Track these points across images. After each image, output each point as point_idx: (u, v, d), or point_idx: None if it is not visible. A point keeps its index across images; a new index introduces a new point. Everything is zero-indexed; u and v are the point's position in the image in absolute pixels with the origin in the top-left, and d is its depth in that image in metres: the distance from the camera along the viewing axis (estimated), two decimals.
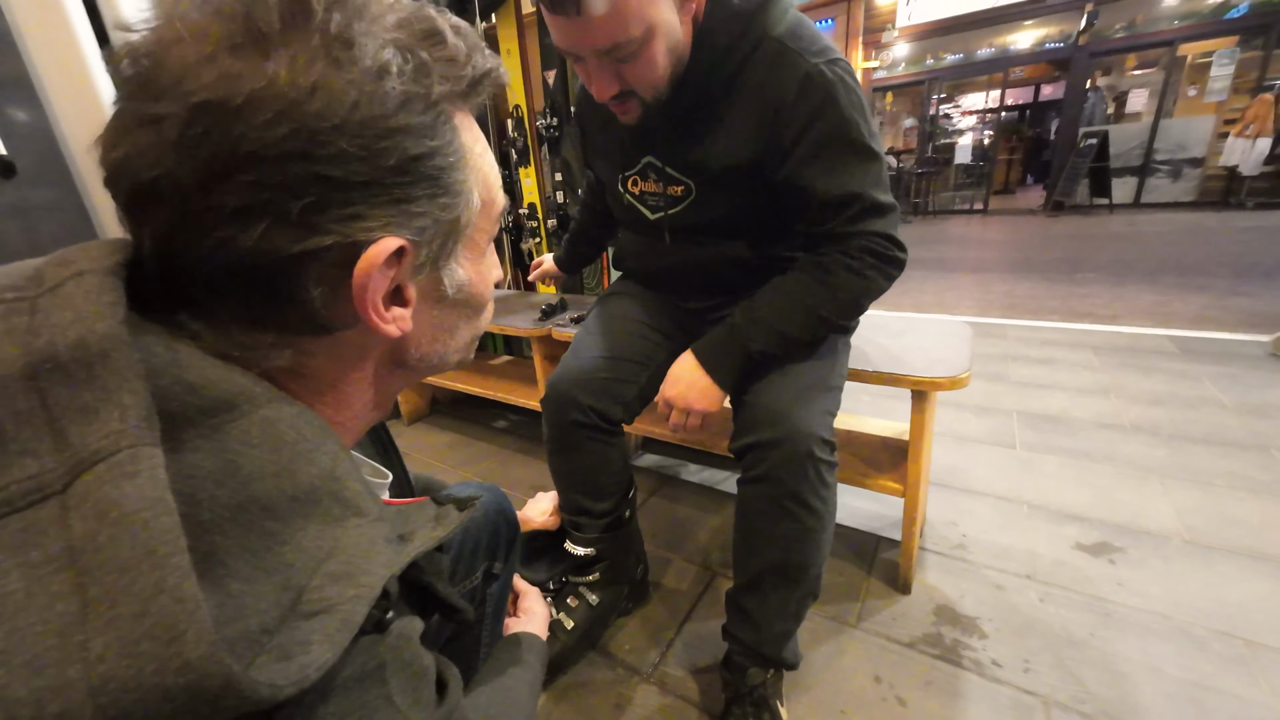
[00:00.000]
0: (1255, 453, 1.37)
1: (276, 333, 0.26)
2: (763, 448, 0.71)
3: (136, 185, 0.23)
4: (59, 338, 0.21)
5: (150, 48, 0.23)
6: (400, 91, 0.25)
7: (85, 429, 0.20)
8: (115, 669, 0.17)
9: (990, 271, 3.87)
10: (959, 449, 1.49)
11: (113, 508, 0.19)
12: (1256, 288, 2.87)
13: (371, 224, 0.25)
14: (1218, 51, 6.16)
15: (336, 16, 0.23)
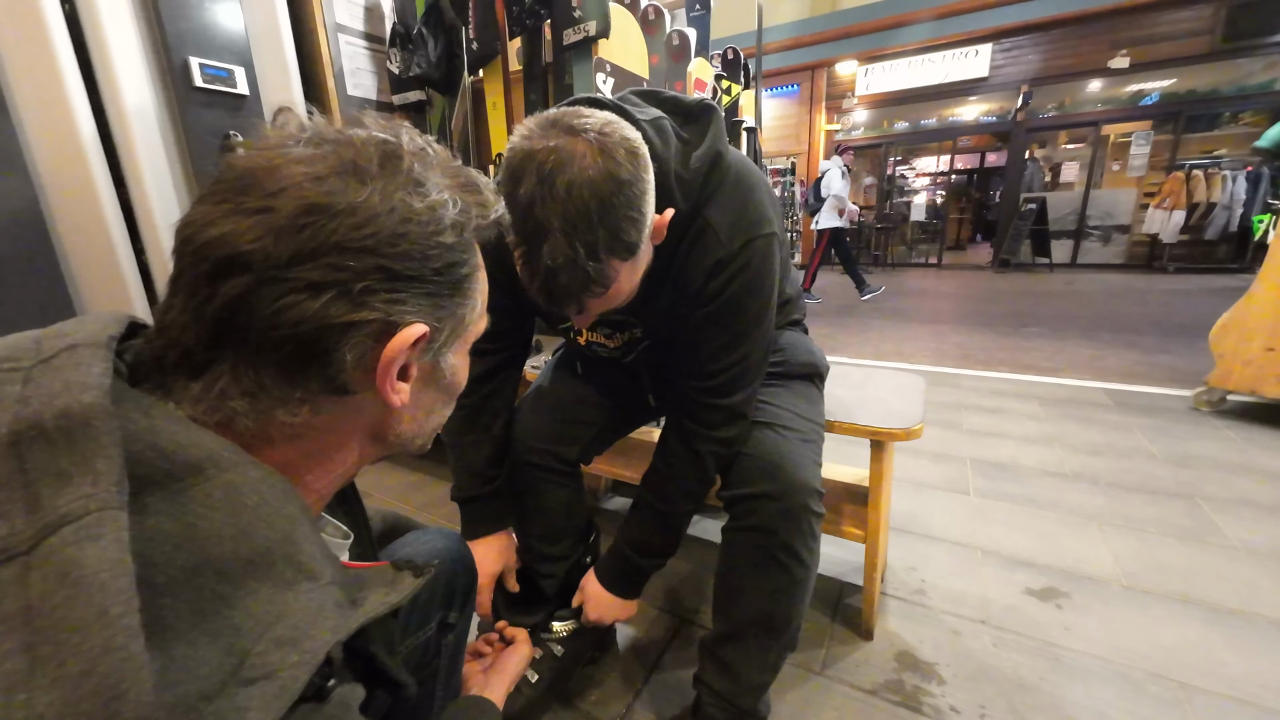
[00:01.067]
0: (1181, 501, 1.48)
1: (304, 389, 0.30)
2: (758, 499, 0.72)
3: (230, 255, 0.27)
4: (46, 407, 0.23)
5: (257, 162, 0.29)
6: (449, 219, 0.32)
7: (58, 493, 0.21)
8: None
9: (945, 323, 4.09)
10: (918, 495, 1.55)
11: (73, 568, 0.20)
12: (1179, 346, 3.13)
13: (408, 309, 0.31)
14: (1135, 133, 6.90)
15: (416, 166, 0.32)
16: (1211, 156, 6.35)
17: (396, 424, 0.36)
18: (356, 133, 0.31)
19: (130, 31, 1.22)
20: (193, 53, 1.29)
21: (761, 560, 0.72)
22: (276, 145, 0.30)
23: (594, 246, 0.53)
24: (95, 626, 0.19)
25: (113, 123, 1.23)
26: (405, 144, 0.32)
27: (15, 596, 0.20)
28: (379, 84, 1.75)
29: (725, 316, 0.71)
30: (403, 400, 0.33)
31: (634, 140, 0.56)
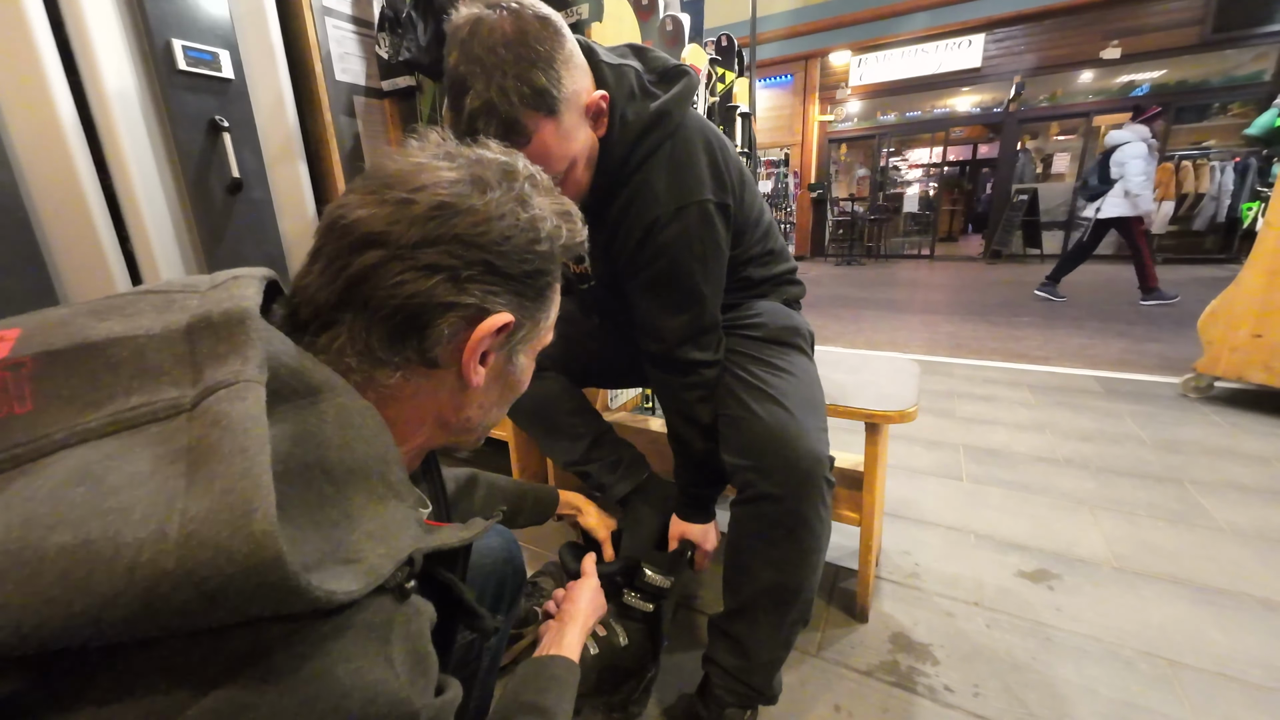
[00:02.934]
0: (1171, 485, 1.50)
1: (402, 355, 0.35)
2: (766, 468, 0.71)
3: (370, 233, 0.34)
4: (214, 308, 0.29)
5: (405, 167, 0.36)
6: (545, 232, 0.39)
7: (217, 369, 0.27)
8: (200, 528, 0.22)
9: (937, 313, 4.12)
10: (911, 481, 1.56)
11: (223, 418, 0.25)
12: (1167, 335, 3.17)
13: (500, 301, 0.37)
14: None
15: (526, 186, 0.39)
16: (1200, 147, 6.40)
17: (465, 407, 0.40)
18: (484, 154, 0.38)
19: (110, 12, 1.19)
20: (175, 34, 1.26)
21: (770, 531, 0.72)
22: (421, 155, 0.37)
23: (505, 92, 0.59)
24: (237, 458, 0.24)
25: (93, 106, 1.20)
26: (520, 168, 0.39)
27: (181, 437, 0.25)
28: (367, 69, 1.72)
29: (667, 278, 0.74)
30: (479, 381, 0.38)
31: (549, 14, 0.62)
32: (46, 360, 0.26)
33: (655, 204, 0.71)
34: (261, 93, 1.47)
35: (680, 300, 0.76)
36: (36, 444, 0.24)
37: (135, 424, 0.25)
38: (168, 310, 0.29)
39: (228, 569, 0.22)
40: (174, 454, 0.24)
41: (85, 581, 0.21)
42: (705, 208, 0.72)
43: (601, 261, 0.82)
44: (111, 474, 0.23)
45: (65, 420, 0.25)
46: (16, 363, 0.26)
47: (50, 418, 0.25)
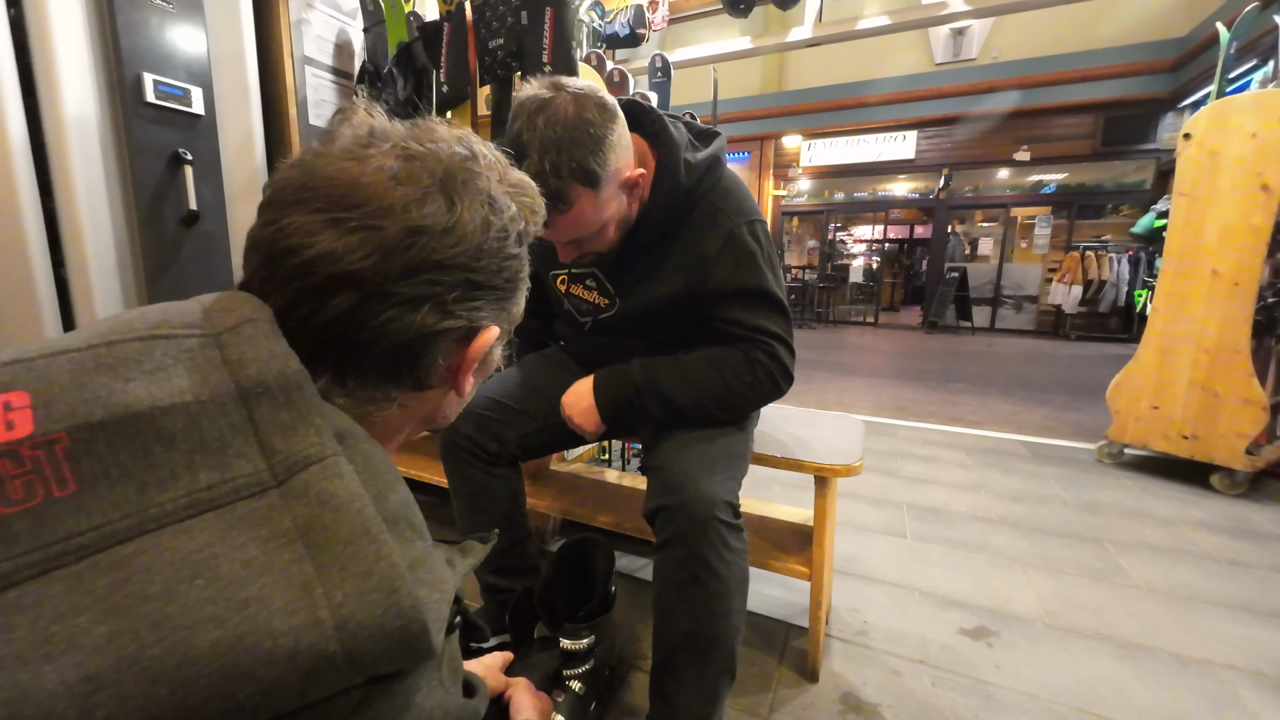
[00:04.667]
0: (1092, 544, 1.60)
1: (396, 388, 0.34)
2: (668, 511, 0.74)
3: (342, 272, 0.30)
4: (265, 370, 0.27)
5: (352, 174, 0.31)
6: (515, 232, 0.37)
7: (288, 440, 0.26)
8: (354, 611, 0.24)
9: (881, 376, 4.35)
10: (859, 538, 1.60)
11: (330, 498, 0.25)
12: (1084, 404, 3.46)
13: (484, 315, 0.36)
14: (1038, 216, 7.83)
15: (493, 182, 0.35)
16: (1100, 240, 7.27)
17: (447, 408, 0.41)
18: (438, 147, 0.34)
19: (80, 41, 1.19)
20: (147, 69, 1.26)
21: (678, 576, 0.74)
22: (362, 155, 0.32)
23: (558, 167, 0.68)
24: (364, 540, 0.25)
25: (47, 130, 1.17)
26: (481, 160, 0.35)
27: (281, 518, 0.25)
28: None
29: (750, 284, 0.83)
30: (469, 389, 0.39)
31: (607, 100, 0.72)
32: (86, 434, 0.23)
33: (728, 219, 0.83)
34: (231, 130, 1.47)
35: (767, 304, 0.84)
36: (100, 531, 0.22)
37: (217, 504, 0.24)
38: (195, 366, 0.26)
39: (384, 644, 0.24)
40: (281, 536, 0.24)
41: (246, 674, 0.22)
42: (764, 224, 0.86)
43: (648, 283, 0.88)
44: (223, 564, 0.23)
45: (125, 503, 0.23)
46: (50, 439, 0.23)
47: (102, 500, 0.23)
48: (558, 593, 0.95)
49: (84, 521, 0.22)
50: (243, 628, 0.22)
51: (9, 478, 0.22)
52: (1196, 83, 5.74)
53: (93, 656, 0.20)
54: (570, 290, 0.97)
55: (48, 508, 0.22)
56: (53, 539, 0.22)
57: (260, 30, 1.51)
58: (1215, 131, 1.93)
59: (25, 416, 0.23)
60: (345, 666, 0.23)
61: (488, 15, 1.49)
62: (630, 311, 0.92)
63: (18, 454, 0.22)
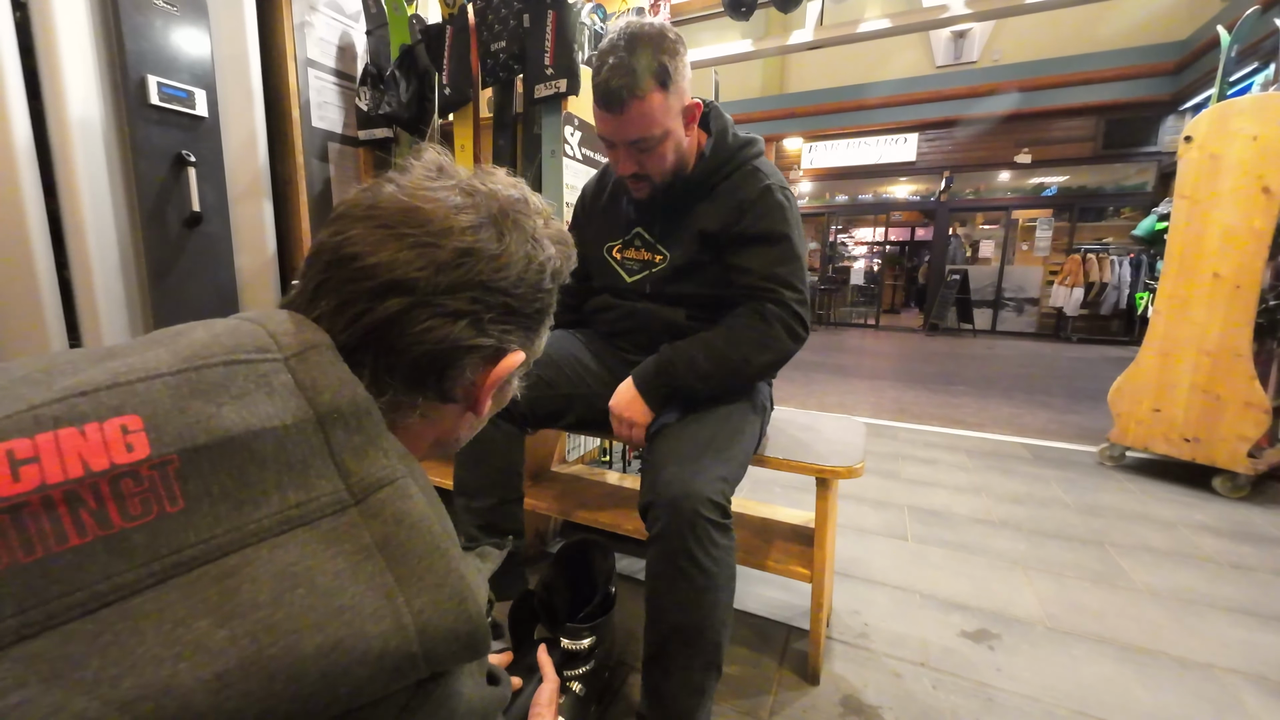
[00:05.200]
0: (1093, 547, 1.59)
1: (422, 395, 0.36)
2: (657, 507, 0.77)
3: (397, 279, 0.33)
4: (339, 397, 0.30)
5: (418, 201, 0.35)
6: (550, 272, 0.40)
7: (360, 462, 0.29)
8: (432, 618, 0.28)
9: (882, 379, 4.35)
10: (860, 541, 1.60)
11: (405, 516, 0.29)
12: (1085, 407, 3.45)
13: (513, 339, 0.39)
14: (1039, 219, 7.82)
15: (539, 225, 0.40)
16: (1101, 243, 7.26)
17: (460, 429, 0.42)
18: (497, 188, 0.38)
19: (85, 44, 1.20)
20: (151, 71, 1.27)
21: (668, 570, 0.76)
22: (429, 187, 0.36)
23: (638, 60, 0.82)
24: (437, 556, 0.29)
25: (51, 131, 1.18)
26: (531, 205, 0.40)
27: (361, 534, 0.28)
28: (345, 118, 1.76)
29: (777, 233, 0.92)
30: (486, 411, 0.41)
31: (680, 36, 0.87)
32: (193, 456, 0.26)
33: (764, 179, 0.94)
34: (234, 132, 1.48)
35: (785, 252, 0.92)
36: (208, 544, 0.25)
37: (306, 521, 0.27)
38: (273, 392, 0.29)
39: (454, 646, 0.28)
40: (364, 550, 0.28)
41: (345, 672, 0.25)
42: (794, 196, 0.96)
43: (691, 235, 0.96)
44: (317, 575, 0.26)
45: (226, 519, 0.25)
46: (164, 460, 0.25)
47: (206, 516, 0.25)
48: (558, 594, 0.95)
49: (192, 535, 0.25)
50: (341, 632, 0.25)
51: (130, 495, 0.24)
52: (1198, 86, 5.74)
53: (219, 658, 0.23)
54: (624, 256, 1.05)
55: (161, 523, 0.24)
56: (167, 551, 0.24)
57: (263, 33, 1.52)
58: (1216, 134, 1.93)
59: (142, 439, 0.25)
60: (423, 664, 0.27)
61: (490, 18, 1.49)
62: (676, 263, 0.99)
63: (138, 474, 0.25)
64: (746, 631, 1.18)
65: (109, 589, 0.23)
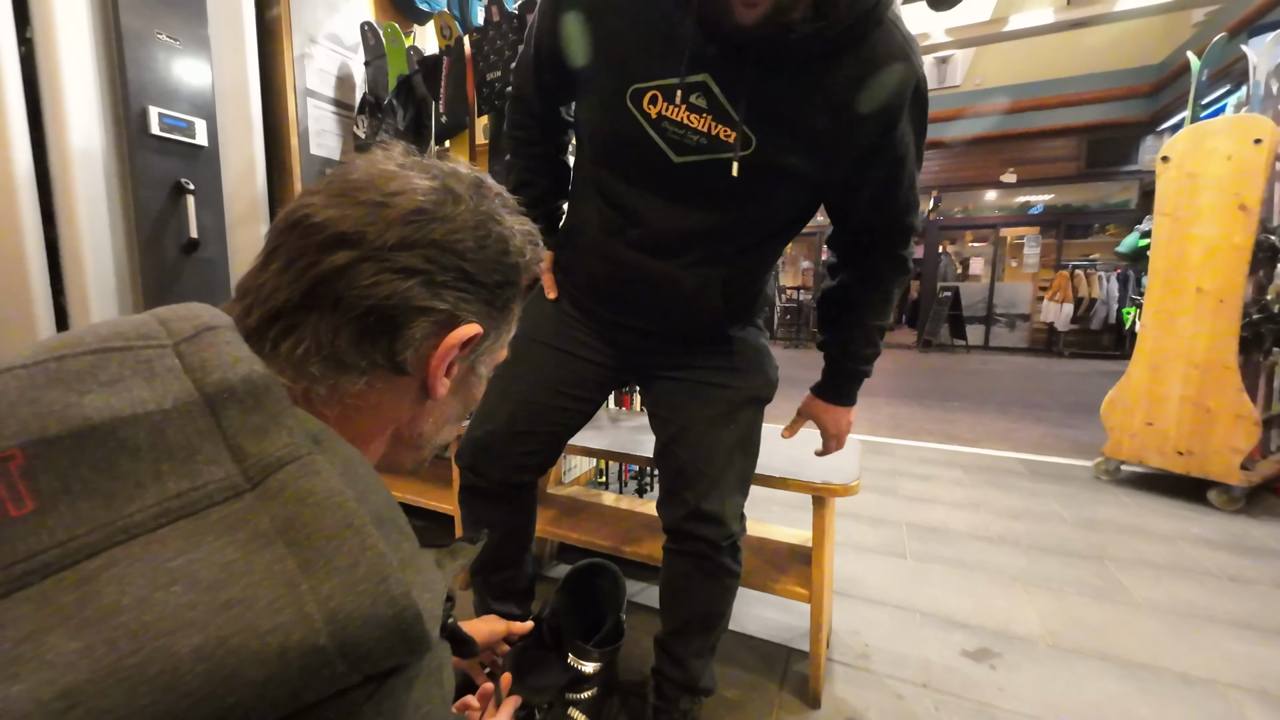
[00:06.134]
0: (1093, 562, 1.59)
1: (370, 359, 0.34)
2: (697, 538, 0.82)
3: (343, 232, 0.32)
4: (230, 375, 0.27)
5: (375, 173, 0.35)
6: (514, 245, 0.39)
7: (260, 443, 0.26)
8: (343, 603, 0.23)
9: (878, 395, 4.36)
10: (858, 559, 1.59)
11: (309, 495, 0.25)
12: (1080, 421, 3.47)
13: (470, 310, 0.37)
14: (1027, 236, 7.96)
15: (496, 202, 0.38)
16: (1088, 259, 7.38)
17: (422, 420, 0.40)
18: (457, 168, 0.38)
19: (88, 76, 1.22)
20: (153, 102, 1.29)
21: (698, 574, 0.84)
22: (390, 163, 0.36)
23: None
24: (348, 533, 0.25)
25: (52, 160, 1.19)
26: (490, 184, 0.40)
27: (259, 520, 0.24)
28: (342, 144, 1.80)
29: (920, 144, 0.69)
30: (443, 392, 0.38)
31: None
32: (42, 450, 0.23)
33: (914, 63, 0.62)
34: (233, 159, 1.50)
35: (912, 176, 0.71)
36: (65, 548, 0.22)
37: (189, 511, 0.24)
38: (154, 376, 0.26)
39: (377, 633, 0.24)
40: (260, 537, 0.24)
41: (233, 675, 0.21)
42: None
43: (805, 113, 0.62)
44: (201, 569, 0.23)
45: (91, 518, 0.23)
46: (3, 457, 0.22)
47: (65, 516, 0.22)
48: (566, 619, 0.94)
49: (46, 539, 0.22)
50: (226, 629, 0.21)
51: None
52: (1174, 107, 5.92)
53: (66, 672, 0.20)
54: (664, 115, 0.64)
55: (5, 529, 0.22)
56: (13, 559, 0.21)
57: (264, 64, 1.55)
58: (1192, 154, 1.99)
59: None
60: (339, 660, 0.23)
61: (485, 49, 1.54)
62: (772, 160, 0.63)
63: None
64: (746, 654, 1.17)
65: None
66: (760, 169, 0.64)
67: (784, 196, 0.69)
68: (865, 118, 0.62)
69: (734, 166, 0.63)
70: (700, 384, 0.83)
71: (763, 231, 0.74)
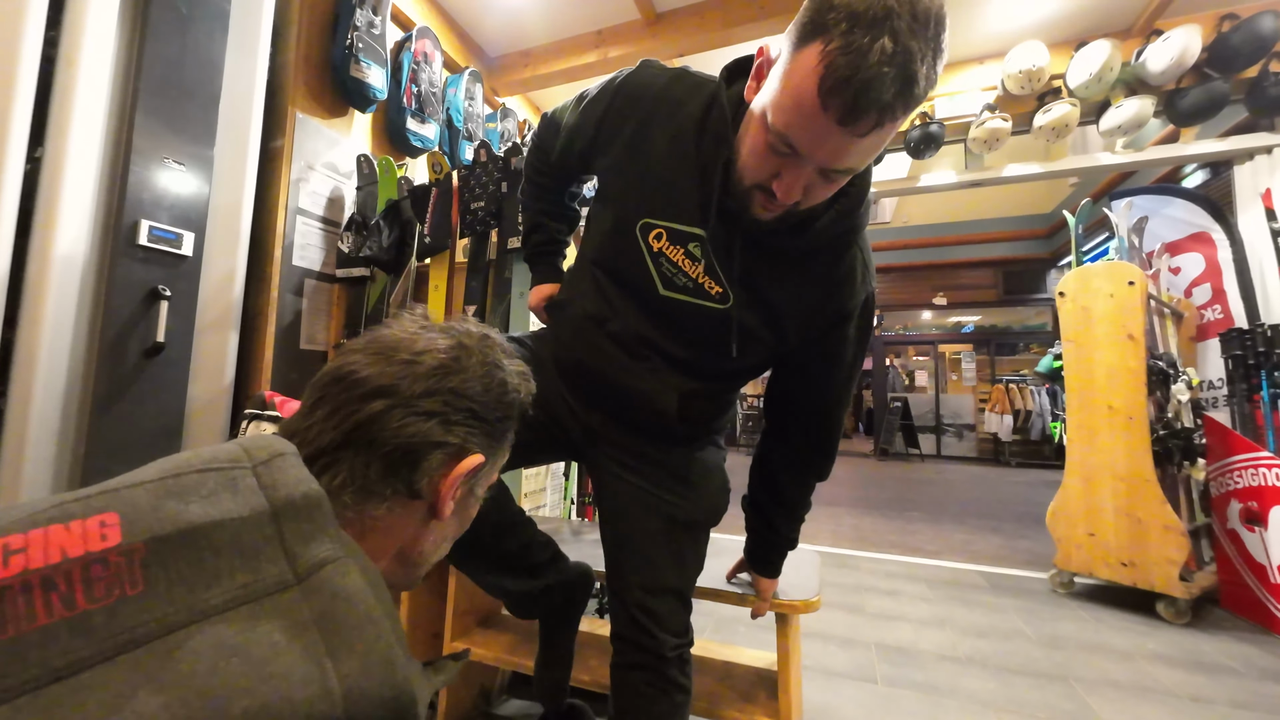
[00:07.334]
0: (1059, 683, 1.56)
1: (392, 486, 0.41)
2: (644, 651, 0.79)
3: (381, 386, 0.41)
4: (294, 491, 0.34)
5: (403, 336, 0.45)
6: (511, 387, 0.48)
7: (307, 547, 0.33)
8: (358, 681, 0.30)
9: (840, 506, 4.38)
10: (829, 685, 1.51)
11: (341, 590, 0.32)
12: (1032, 532, 3.55)
13: (476, 441, 0.45)
14: (963, 352, 8.66)
15: (500, 353, 0.48)
16: (1019, 375, 8.03)
17: (424, 539, 0.46)
18: (468, 327, 0.48)
19: (89, 189, 1.28)
20: (146, 215, 1.36)
21: (652, 692, 0.81)
22: (417, 327, 0.46)
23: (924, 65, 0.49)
24: (367, 624, 0.31)
25: (30, 267, 1.21)
26: (494, 339, 0.49)
27: (303, 610, 0.30)
28: (325, 258, 1.89)
29: (858, 359, 0.80)
30: (448, 513, 0.44)
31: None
32: (156, 545, 0.29)
33: (866, 284, 0.74)
34: (215, 268, 1.55)
35: (849, 372, 0.80)
36: (160, 623, 0.27)
37: (250, 599, 0.30)
38: (237, 491, 0.33)
39: (380, 712, 0.30)
40: (301, 625, 0.30)
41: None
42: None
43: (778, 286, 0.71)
44: (255, 647, 0.28)
45: (180, 600, 0.28)
46: (130, 548, 0.29)
47: (161, 598, 0.28)
48: None
49: (147, 615, 0.27)
50: (269, 696, 0.27)
51: (96, 580, 0.27)
52: (1067, 249, 6.90)
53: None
54: (664, 252, 0.73)
55: (121, 605, 0.27)
56: (121, 629, 0.27)
57: (261, 184, 1.67)
58: (1082, 291, 2.32)
59: (115, 531, 0.29)
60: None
61: (472, 183, 1.72)
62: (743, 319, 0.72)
63: (107, 560, 0.28)
64: None
65: (64, 665, 0.25)
66: (728, 321, 0.73)
67: (747, 348, 0.75)
68: (820, 311, 0.74)
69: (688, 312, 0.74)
70: (647, 493, 0.82)
71: (723, 368, 0.80)
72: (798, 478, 0.90)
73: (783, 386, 0.84)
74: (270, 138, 1.74)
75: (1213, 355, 2.45)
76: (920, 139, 2.72)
